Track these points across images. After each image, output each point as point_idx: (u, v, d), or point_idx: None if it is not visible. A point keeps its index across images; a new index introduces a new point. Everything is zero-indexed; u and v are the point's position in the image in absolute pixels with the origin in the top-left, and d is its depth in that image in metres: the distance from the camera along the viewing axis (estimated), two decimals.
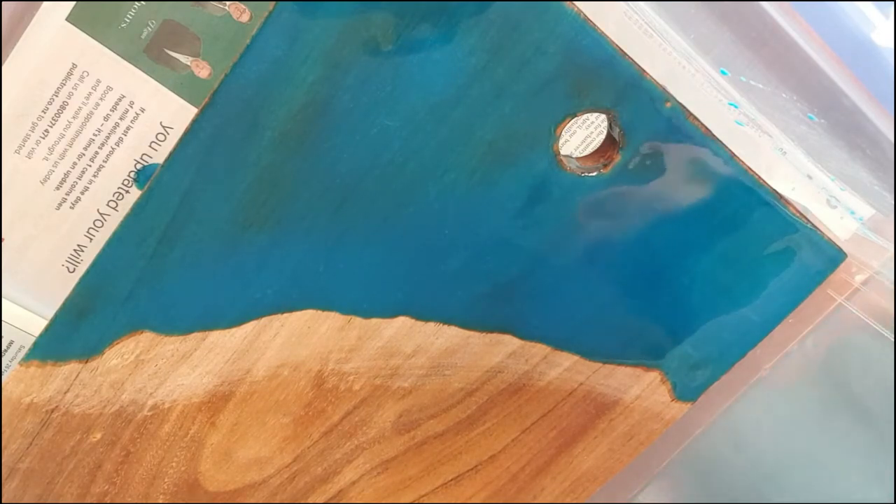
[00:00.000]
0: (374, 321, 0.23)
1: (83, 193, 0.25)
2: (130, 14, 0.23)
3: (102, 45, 0.23)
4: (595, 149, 0.22)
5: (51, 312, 0.21)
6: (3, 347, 0.26)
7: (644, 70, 0.20)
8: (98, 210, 0.26)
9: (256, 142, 0.19)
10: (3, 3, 0.22)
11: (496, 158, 0.21)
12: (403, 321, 0.23)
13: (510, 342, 0.24)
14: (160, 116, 0.25)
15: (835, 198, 0.25)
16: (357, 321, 0.23)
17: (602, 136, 0.26)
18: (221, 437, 0.24)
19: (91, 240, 0.26)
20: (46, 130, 0.24)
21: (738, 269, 0.24)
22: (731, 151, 0.22)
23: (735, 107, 0.25)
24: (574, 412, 0.26)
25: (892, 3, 0.19)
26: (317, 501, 0.26)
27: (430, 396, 0.25)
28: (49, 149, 0.25)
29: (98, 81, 0.24)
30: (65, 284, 0.23)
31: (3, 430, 0.22)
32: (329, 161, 0.20)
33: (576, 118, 0.21)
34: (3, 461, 0.23)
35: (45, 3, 0.23)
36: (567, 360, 0.25)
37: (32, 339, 0.21)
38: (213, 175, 0.20)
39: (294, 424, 0.24)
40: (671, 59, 0.25)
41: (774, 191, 0.22)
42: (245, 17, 0.24)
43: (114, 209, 0.26)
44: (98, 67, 0.24)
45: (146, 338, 0.22)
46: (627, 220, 0.22)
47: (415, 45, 0.19)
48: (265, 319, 0.22)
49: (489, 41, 0.19)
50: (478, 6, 0.18)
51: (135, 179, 0.25)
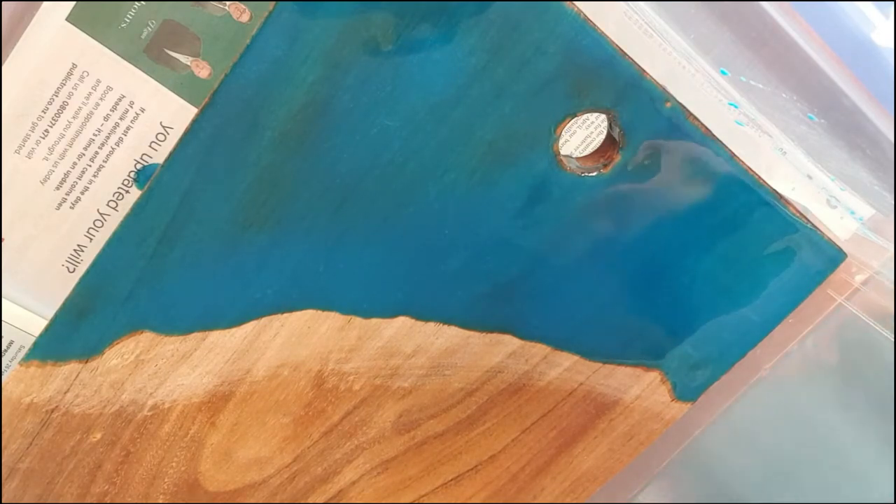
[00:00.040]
0: (374, 321, 0.23)
1: (83, 193, 0.25)
2: (130, 14, 0.23)
3: (102, 45, 0.23)
4: (595, 149, 0.22)
5: (51, 312, 0.21)
6: (3, 347, 0.26)
7: (644, 70, 0.20)
8: (98, 210, 0.26)
9: (256, 142, 0.19)
10: (3, 3, 0.22)
11: (496, 158, 0.21)
12: (403, 321, 0.23)
13: (510, 342, 0.24)
14: (160, 116, 0.25)
15: (835, 198, 0.25)
16: (357, 321, 0.23)
17: (602, 136, 0.26)
18: (221, 437, 0.24)
19: (91, 240, 0.26)
20: (46, 130, 0.24)
21: (738, 269, 0.24)
22: (731, 151, 0.22)
23: (735, 107, 0.25)
24: (574, 412, 0.26)
25: (893, 3, 0.19)
26: (317, 501, 0.26)
27: (430, 396, 0.25)
28: (49, 149, 0.25)
29: (98, 81, 0.24)
30: (65, 284, 0.23)
31: (3, 430, 0.22)
32: (329, 161, 0.20)
33: (576, 118, 0.21)
34: (3, 461, 0.23)
35: (45, 3, 0.23)
36: (567, 360, 0.25)
37: (32, 339, 0.21)
38: (213, 175, 0.20)
39: (294, 424, 0.24)
40: (671, 59, 0.25)
41: (774, 191, 0.22)
42: (245, 17, 0.24)
43: (114, 209, 0.26)
44: (98, 67, 0.24)
45: (146, 338, 0.22)
46: (627, 220, 0.22)
47: (415, 45, 0.19)
48: (265, 319, 0.22)
49: (489, 41, 0.19)
50: (478, 6, 0.18)
51: (135, 179, 0.25)
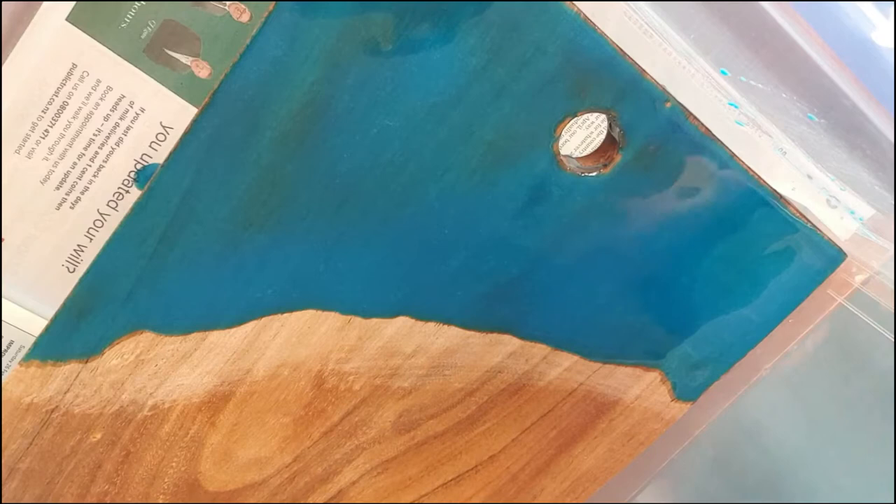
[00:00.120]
0: (374, 321, 0.23)
1: (83, 193, 0.25)
2: (130, 14, 0.23)
3: (102, 45, 0.23)
4: (595, 149, 0.22)
5: (51, 312, 0.21)
6: (3, 347, 0.26)
7: (644, 70, 0.20)
8: (98, 210, 0.26)
9: (256, 142, 0.19)
10: (3, 3, 0.22)
11: (496, 158, 0.21)
12: (403, 321, 0.23)
13: (510, 342, 0.24)
14: (160, 116, 0.25)
15: (835, 198, 0.25)
16: (357, 321, 0.23)
17: (602, 136, 0.26)
18: (221, 437, 0.24)
19: (91, 240, 0.26)
20: (46, 130, 0.24)
21: (738, 270, 0.24)
22: (731, 151, 0.22)
23: (735, 107, 0.25)
24: (574, 412, 0.26)
25: (893, 3, 0.19)
26: (317, 501, 0.26)
27: (430, 396, 0.25)
28: (49, 149, 0.25)
29: (98, 81, 0.24)
30: (65, 284, 0.23)
31: (3, 430, 0.22)
32: (329, 161, 0.20)
33: (576, 118, 0.21)
34: (3, 461, 0.23)
35: (45, 3, 0.23)
36: (567, 360, 0.25)
37: (32, 339, 0.21)
38: (213, 175, 0.20)
39: (294, 424, 0.24)
40: (671, 59, 0.25)
41: (774, 191, 0.22)
42: (245, 17, 0.24)
43: (114, 209, 0.26)
44: (98, 67, 0.24)
45: (146, 338, 0.22)
46: (627, 220, 0.22)
47: (415, 45, 0.19)
48: (265, 319, 0.22)
49: (489, 41, 0.19)
50: (478, 6, 0.18)
51: (135, 179, 0.25)
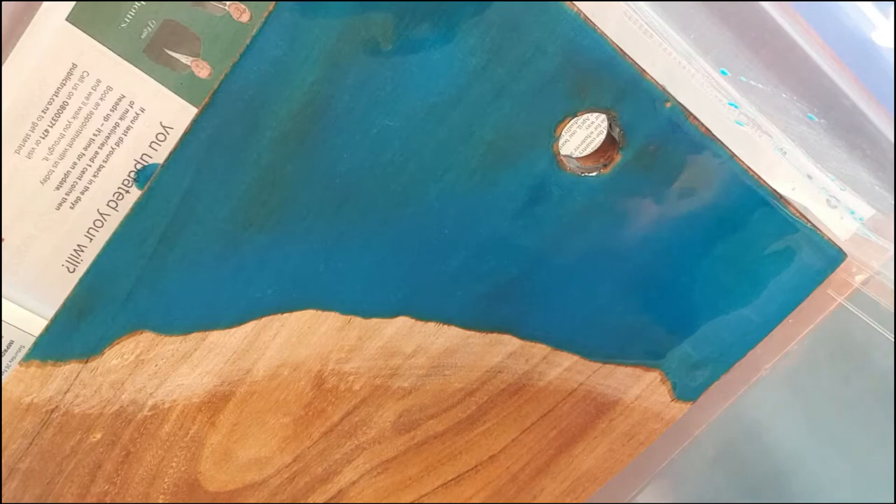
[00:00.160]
0: (374, 321, 0.23)
1: (83, 193, 0.25)
2: (130, 14, 0.23)
3: (102, 45, 0.23)
4: (595, 149, 0.22)
5: (51, 312, 0.21)
6: (3, 347, 0.26)
7: (644, 70, 0.20)
8: (98, 210, 0.26)
9: (256, 142, 0.19)
10: (3, 3, 0.22)
11: (496, 158, 0.21)
12: (403, 321, 0.23)
13: (510, 342, 0.24)
14: (160, 116, 0.25)
15: (835, 198, 0.25)
16: (357, 321, 0.23)
17: (602, 136, 0.26)
18: (221, 437, 0.24)
19: (91, 240, 0.26)
20: (46, 130, 0.24)
21: (738, 270, 0.24)
22: (731, 151, 0.22)
23: (735, 107, 0.25)
24: (574, 412, 0.26)
25: (893, 3, 0.19)
26: (317, 501, 0.26)
27: (430, 396, 0.25)
28: (49, 149, 0.25)
29: (98, 81, 0.24)
30: (65, 284, 0.23)
31: (3, 430, 0.22)
32: (329, 161, 0.20)
33: (576, 118, 0.21)
34: (3, 461, 0.23)
35: (45, 3, 0.23)
36: (567, 360, 0.25)
37: (32, 339, 0.21)
38: (213, 175, 0.20)
39: (294, 424, 0.24)
40: (671, 59, 0.25)
41: (774, 191, 0.22)
42: (245, 17, 0.24)
43: (114, 209, 0.26)
44: (98, 67, 0.24)
45: (146, 338, 0.22)
46: (627, 220, 0.22)
47: (415, 45, 0.19)
48: (265, 319, 0.22)
49: (489, 41, 0.19)
50: (478, 6, 0.18)
51: (135, 179, 0.25)
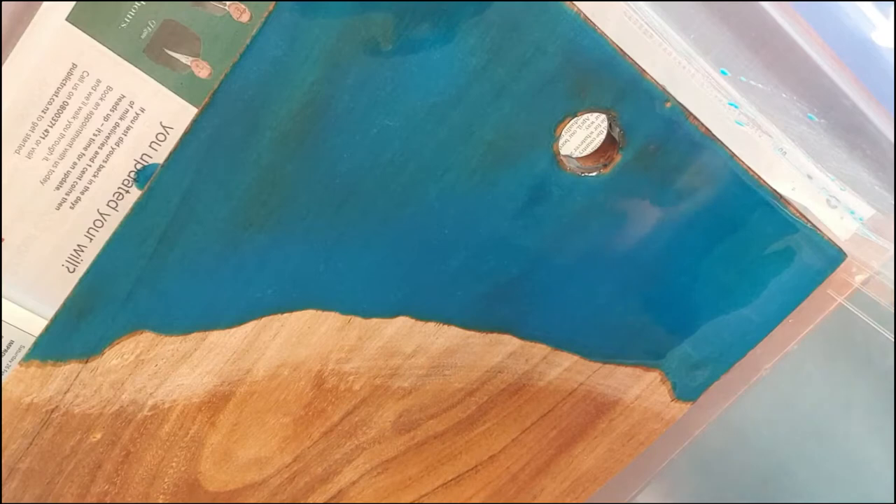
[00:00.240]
0: (374, 321, 0.23)
1: (83, 193, 0.25)
2: (130, 14, 0.23)
3: (102, 45, 0.23)
4: (595, 149, 0.22)
5: (51, 312, 0.21)
6: (3, 347, 0.26)
7: (644, 70, 0.20)
8: (98, 210, 0.26)
9: (256, 142, 0.19)
10: (3, 3, 0.22)
11: (496, 158, 0.21)
12: (403, 321, 0.23)
13: (510, 342, 0.24)
14: (160, 116, 0.25)
15: (835, 198, 0.25)
16: (357, 321, 0.23)
17: (602, 136, 0.26)
18: (221, 437, 0.24)
19: (91, 240, 0.26)
20: (46, 130, 0.24)
21: (738, 270, 0.24)
22: (731, 151, 0.22)
23: (735, 107, 0.25)
24: (574, 412, 0.26)
25: (893, 3, 0.19)
26: (317, 501, 0.26)
27: (430, 396, 0.25)
28: (49, 149, 0.25)
29: (98, 81, 0.24)
30: (65, 284, 0.23)
31: (3, 430, 0.22)
32: (329, 161, 0.20)
33: (576, 118, 0.21)
34: (3, 461, 0.23)
35: (45, 3, 0.23)
36: (567, 360, 0.25)
37: (32, 339, 0.21)
38: (213, 175, 0.20)
39: (294, 424, 0.24)
40: (671, 59, 0.25)
41: (774, 191, 0.22)
42: (245, 17, 0.24)
43: (114, 209, 0.26)
44: (98, 67, 0.24)
45: (146, 338, 0.22)
46: (627, 220, 0.22)
47: (415, 45, 0.19)
48: (265, 319, 0.22)
49: (489, 41, 0.19)
50: (478, 6, 0.18)
51: (135, 179, 0.25)
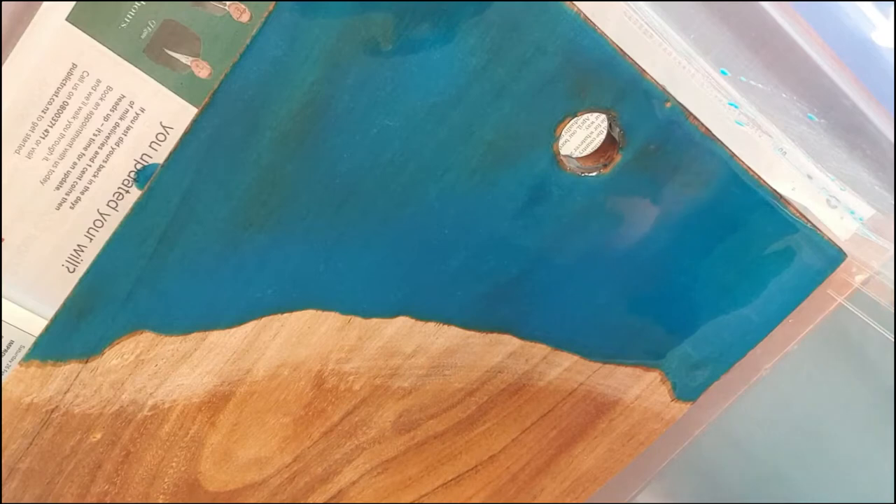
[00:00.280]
0: (374, 321, 0.23)
1: (83, 193, 0.25)
2: (130, 14, 0.23)
3: (102, 45, 0.23)
4: (595, 149, 0.22)
5: (51, 312, 0.21)
6: (3, 347, 0.26)
7: (644, 70, 0.20)
8: (98, 210, 0.26)
9: (256, 142, 0.19)
10: (3, 3, 0.22)
11: (496, 158, 0.21)
12: (403, 321, 0.23)
13: (510, 342, 0.24)
14: (160, 116, 0.25)
15: (835, 198, 0.25)
16: (357, 321, 0.23)
17: (602, 136, 0.26)
18: (221, 437, 0.24)
19: (91, 240, 0.26)
20: (46, 130, 0.24)
21: (738, 269, 0.24)
22: (731, 151, 0.22)
23: (735, 107, 0.25)
24: (574, 412, 0.26)
25: (893, 3, 0.19)
26: (317, 501, 0.26)
27: (430, 396, 0.25)
28: (49, 149, 0.25)
29: (98, 81, 0.24)
30: (65, 284, 0.23)
31: (3, 430, 0.22)
32: (329, 161, 0.20)
33: (576, 118, 0.21)
34: (3, 461, 0.23)
35: (45, 3, 0.23)
36: (567, 360, 0.25)
37: (32, 339, 0.21)
38: (213, 175, 0.20)
39: (294, 424, 0.24)
40: (671, 59, 0.25)
41: (774, 191, 0.22)
42: (245, 17, 0.24)
43: (114, 209, 0.26)
44: (98, 67, 0.24)
45: (146, 338, 0.22)
46: (627, 220, 0.22)
47: (415, 45, 0.19)
48: (265, 319, 0.22)
49: (489, 41, 0.19)
50: (478, 6, 0.18)
51: (135, 179, 0.25)
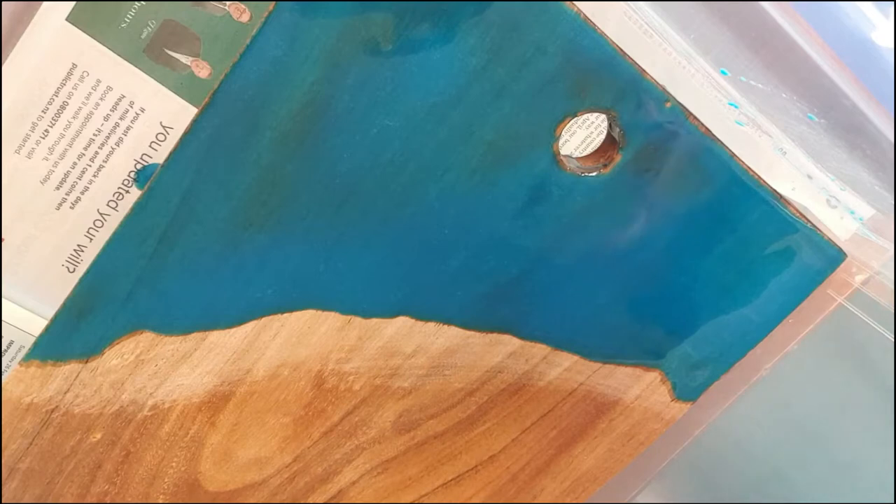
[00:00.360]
0: (374, 321, 0.23)
1: (83, 193, 0.25)
2: (130, 14, 0.23)
3: (102, 45, 0.23)
4: (595, 149, 0.22)
5: (51, 312, 0.21)
6: (3, 347, 0.26)
7: (644, 70, 0.20)
8: (98, 210, 0.26)
9: (256, 142, 0.19)
10: (3, 3, 0.22)
11: (496, 158, 0.21)
12: (403, 321, 0.23)
13: (510, 342, 0.24)
14: (160, 116, 0.25)
15: (835, 198, 0.25)
16: (357, 321, 0.23)
17: (602, 136, 0.26)
18: (221, 437, 0.24)
19: (91, 240, 0.26)
20: (46, 130, 0.24)
21: (738, 269, 0.24)
22: (731, 151, 0.22)
23: (735, 107, 0.25)
24: (574, 412, 0.26)
25: (893, 3, 0.19)
26: (317, 501, 0.26)
27: (430, 396, 0.25)
28: (49, 149, 0.25)
29: (98, 81, 0.24)
30: (65, 284, 0.23)
31: (3, 430, 0.22)
32: (329, 161, 0.20)
33: (576, 118, 0.21)
34: (3, 461, 0.23)
35: (45, 3, 0.23)
36: (567, 360, 0.25)
37: (32, 339, 0.21)
38: (213, 175, 0.20)
39: (294, 424, 0.24)
40: (671, 59, 0.25)
41: (774, 191, 0.22)
42: (245, 17, 0.24)
43: (114, 209, 0.26)
44: (98, 67, 0.24)
45: (146, 338, 0.22)
46: (627, 220, 0.22)
47: (415, 45, 0.19)
48: (265, 319, 0.22)
49: (489, 41, 0.19)
50: (478, 6, 0.18)
51: (135, 179, 0.25)
